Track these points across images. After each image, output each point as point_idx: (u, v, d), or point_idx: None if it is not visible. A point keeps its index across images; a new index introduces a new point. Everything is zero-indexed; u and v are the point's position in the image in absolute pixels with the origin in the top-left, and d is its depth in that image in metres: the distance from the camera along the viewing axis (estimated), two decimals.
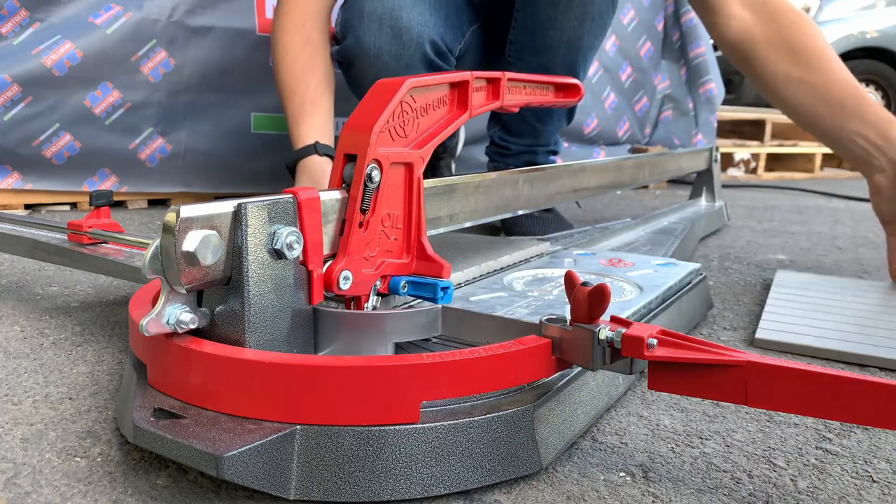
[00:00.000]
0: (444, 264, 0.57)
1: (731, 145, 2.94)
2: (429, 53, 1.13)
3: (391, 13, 1.08)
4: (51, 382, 0.63)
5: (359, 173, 0.53)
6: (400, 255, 0.57)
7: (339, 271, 0.52)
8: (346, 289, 0.53)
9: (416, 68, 1.13)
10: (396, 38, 1.09)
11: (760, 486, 0.49)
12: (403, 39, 1.09)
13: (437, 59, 1.16)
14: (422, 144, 0.58)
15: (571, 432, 0.52)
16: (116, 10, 1.49)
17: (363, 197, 0.53)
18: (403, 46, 1.09)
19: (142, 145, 1.57)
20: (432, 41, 1.13)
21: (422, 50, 1.11)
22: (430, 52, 1.13)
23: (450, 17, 1.20)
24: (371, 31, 1.08)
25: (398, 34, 1.09)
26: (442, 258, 0.57)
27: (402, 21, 1.08)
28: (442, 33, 1.15)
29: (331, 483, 0.43)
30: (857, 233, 1.63)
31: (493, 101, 0.66)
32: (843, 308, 0.88)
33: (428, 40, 1.12)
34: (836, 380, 0.42)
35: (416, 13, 1.10)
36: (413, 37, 1.10)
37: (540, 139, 1.32)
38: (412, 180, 0.57)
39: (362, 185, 0.53)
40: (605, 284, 0.46)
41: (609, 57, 2.37)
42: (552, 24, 1.17)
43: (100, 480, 0.47)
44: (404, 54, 1.10)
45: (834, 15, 4.55)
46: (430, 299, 0.56)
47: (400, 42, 1.09)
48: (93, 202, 0.80)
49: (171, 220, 0.44)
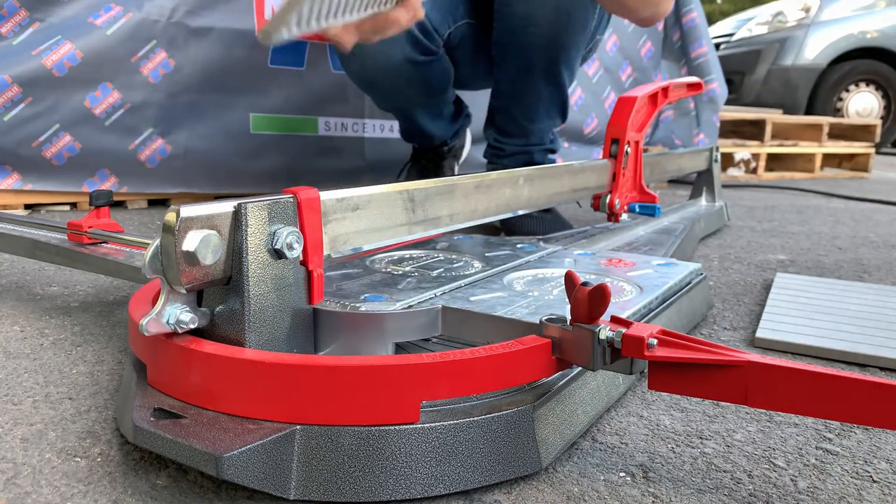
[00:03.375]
0: (656, 196, 1.11)
1: (732, 145, 2.94)
2: (414, 31, 1.17)
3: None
4: (51, 382, 0.63)
5: (620, 150, 1.08)
6: (632, 191, 1.12)
7: (615, 198, 1.07)
8: (617, 210, 1.05)
9: (399, 43, 1.17)
10: None
11: (760, 486, 0.49)
12: None
13: (423, 36, 1.20)
14: (640, 129, 1.12)
15: (571, 432, 0.52)
16: (116, 11, 1.49)
17: (624, 161, 1.08)
18: None
19: (141, 146, 1.57)
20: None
21: None
22: (415, 29, 1.17)
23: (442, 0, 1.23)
24: None
25: None
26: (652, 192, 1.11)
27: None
28: (428, 12, 1.18)
29: (331, 483, 0.43)
30: (856, 233, 1.63)
31: (665, 101, 1.20)
32: (843, 308, 0.88)
33: None
34: (836, 380, 0.42)
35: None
36: None
37: (532, 138, 1.33)
38: (637, 150, 1.12)
39: (623, 155, 1.08)
40: (605, 284, 0.46)
41: (609, 57, 2.36)
42: (531, 22, 1.18)
43: (100, 480, 0.47)
44: None
45: (834, 15, 4.55)
46: (651, 215, 1.10)
47: None
48: (93, 202, 0.80)
49: (171, 219, 0.44)
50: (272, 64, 1.69)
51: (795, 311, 0.87)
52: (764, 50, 4.63)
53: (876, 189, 2.74)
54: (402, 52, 1.20)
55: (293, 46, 1.70)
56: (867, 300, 0.91)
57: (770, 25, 4.76)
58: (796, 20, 4.62)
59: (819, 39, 4.51)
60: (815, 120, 3.22)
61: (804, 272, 1.17)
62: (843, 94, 4.61)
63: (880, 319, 0.83)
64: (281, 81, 1.71)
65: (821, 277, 1.08)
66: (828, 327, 0.80)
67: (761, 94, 4.58)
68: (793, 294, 0.95)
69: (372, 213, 0.58)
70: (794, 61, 4.52)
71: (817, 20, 4.53)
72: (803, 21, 4.58)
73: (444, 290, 0.65)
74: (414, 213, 0.63)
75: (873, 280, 1.13)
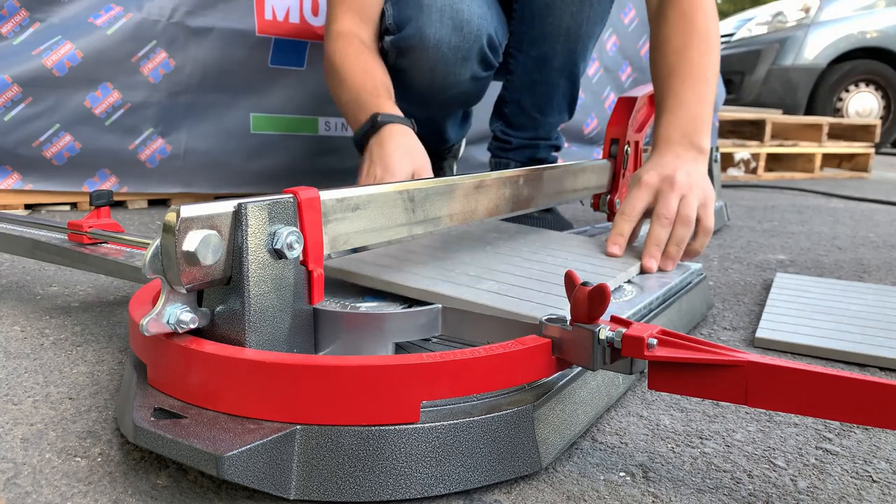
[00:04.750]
0: None
1: (731, 145, 2.94)
2: (484, 47, 1.15)
3: (452, 5, 1.09)
4: (51, 382, 0.63)
5: (620, 150, 1.08)
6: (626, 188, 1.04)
7: (615, 198, 1.07)
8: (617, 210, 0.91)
9: (471, 61, 1.15)
10: (457, 29, 1.10)
11: (760, 486, 0.49)
12: (464, 32, 1.11)
13: (490, 53, 1.18)
14: (640, 129, 1.11)
15: (571, 432, 0.52)
16: (117, 11, 1.49)
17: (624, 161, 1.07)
18: (463, 38, 1.11)
19: (142, 146, 1.57)
20: (489, 35, 1.15)
21: (479, 43, 1.14)
22: (486, 45, 1.15)
23: (499, 13, 1.22)
24: (432, 22, 1.09)
25: (459, 26, 1.10)
26: None
27: (464, 14, 1.10)
28: (496, 27, 1.17)
29: (331, 483, 0.43)
30: (856, 233, 1.63)
31: None
32: (843, 308, 0.88)
33: (485, 34, 1.14)
34: (836, 380, 0.42)
35: (475, 6, 1.12)
36: (473, 29, 1.12)
37: (540, 131, 1.33)
38: (637, 150, 1.12)
39: (623, 155, 1.08)
40: (605, 284, 0.46)
41: (609, 57, 2.36)
42: (550, 12, 1.18)
43: (100, 480, 0.47)
44: (462, 46, 1.12)
45: (834, 15, 4.55)
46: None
47: (461, 34, 1.11)
48: (93, 202, 0.79)
49: (171, 219, 0.44)
50: (272, 64, 1.69)
51: (795, 311, 0.87)
52: (764, 50, 4.63)
53: (876, 189, 2.74)
54: (471, 70, 1.17)
55: (293, 46, 1.70)
56: (867, 300, 0.91)
57: (770, 25, 4.76)
58: (796, 20, 4.62)
59: (819, 39, 4.51)
60: (815, 120, 3.23)
61: (804, 272, 1.17)
62: (842, 95, 4.62)
63: (880, 319, 0.83)
64: (281, 81, 1.71)
65: (821, 277, 1.08)
66: (828, 327, 0.80)
67: (761, 94, 4.59)
68: (793, 294, 0.95)
69: (372, 213, 0.58)
70: (793, 61, 4.52)
71: (817, 20, 4.53)
72: (803, 21, 4.58)
73: None
74: (414, 213, 0.63)
75: (873, 280, 1.13)
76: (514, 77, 1.28)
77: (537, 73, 1.24)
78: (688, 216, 0.82)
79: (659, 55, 0.97)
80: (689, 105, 0.91)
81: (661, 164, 0.87)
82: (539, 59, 1.22)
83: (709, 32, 0.95)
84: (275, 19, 1.67)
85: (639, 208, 0.84)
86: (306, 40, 1.71)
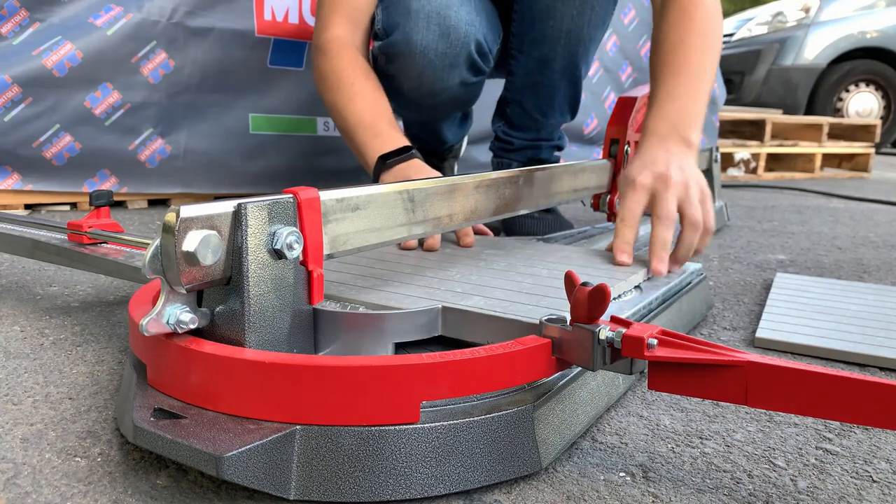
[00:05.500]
0: None
1: (731, 145, 2.94)
2: (473, 53, 1.14)
3: (439, 11, 1.09)
4: (51, 382, 0.63)
5: (620, 150, 1.08)
6: None
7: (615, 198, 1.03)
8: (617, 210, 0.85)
9: (459, 67, 1.14)
10: (444, 36, 1.10)
11: (760, 486, 0.49)
12: (451, 38, 1.10)
13: (479, 59, 1.17)
14: (640, 129, 0.96)
15: (571, 432, 0.52)
16: (117, 11, 1.49)
17: (624, 161, 1.07)
18: (450, 45, 1.11)
19: (141, 146, 1.57)
20: (477, 41, 1.14)
21: (467, 49, 1.13)
22: (474, 51, 1.14)
23: (490, 18, 1.21)
24: (419, 29, 1.08)
25: (446, 32, 1.10)
26: None
27: (451, 20, 1.09)
28: (485, 34, 1.17)
29: (331, 483, 0.43)
30: (856, 233, 1.63)
31: None
32: (843, 308, 0.88)
33: (473, 40, 1.13)
34: (836, 380, 0.42)
35: (463, 12, 1.11)
36: (460, 36, 1.11)
37: (542, 132, 1.32)
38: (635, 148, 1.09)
39: (623, 155, 1.08)
40: (605, 284, 0.46)
41: (609, 57, 2.36)
42: (551, 15, 1.17)
43: (100, 480, 0.47)
44: (450, 52, 1.11)
45: (834, 15, 4.55)
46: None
47: (447, 40, 1.10)
48: (93, 202, 0.79)
49: (171, 220, 0.44)
50: (272, 64, 1.69)
51: (795, 311, 0.87)
52: (764, 50, 4.63)
53: (876, 189, 2.74)
54: (459, 76, 1.16)
55: (292, 47, 1.71)
56: (867, 300, 0.91)
57: (770, 25, 4.76)
58: (796, 20, 4.62)
59: (819, 39, 4.51)
60: (815, 120, 3.23)
61: (804, 272, 1.17)
62: (842, 95, 4.62)
63: (880, 319, 0.83)
64: (280, 82, 1.71)
65: (821, 277, 1.08)
66: (828, 327, 0.80)
67: (761, 94, 4.59)
68: (793, 294, 0.95)
69: (372, 213, 0.58)
70: (793, 61, 4.52)
71: (817, 20, 4.53)
72: (803, 21, 4.58)
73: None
74: (414, 213, 0.63)
75: (873, 280, 1.13)
76: (516, 78, 1.27)
77: (538, 74, 1.24)
78: (695, 218, 0.81)
79: (656, 50, 0.97)
80: (680, 98, 0.90)
81: (651, 160, 0.85)
82: (540, 60, 1.22)
83: (708, 30, 0.94)
84: (274, 20, 1.67)
85: (638, 213, 0.84)
86: (305, 41, 1.71)
